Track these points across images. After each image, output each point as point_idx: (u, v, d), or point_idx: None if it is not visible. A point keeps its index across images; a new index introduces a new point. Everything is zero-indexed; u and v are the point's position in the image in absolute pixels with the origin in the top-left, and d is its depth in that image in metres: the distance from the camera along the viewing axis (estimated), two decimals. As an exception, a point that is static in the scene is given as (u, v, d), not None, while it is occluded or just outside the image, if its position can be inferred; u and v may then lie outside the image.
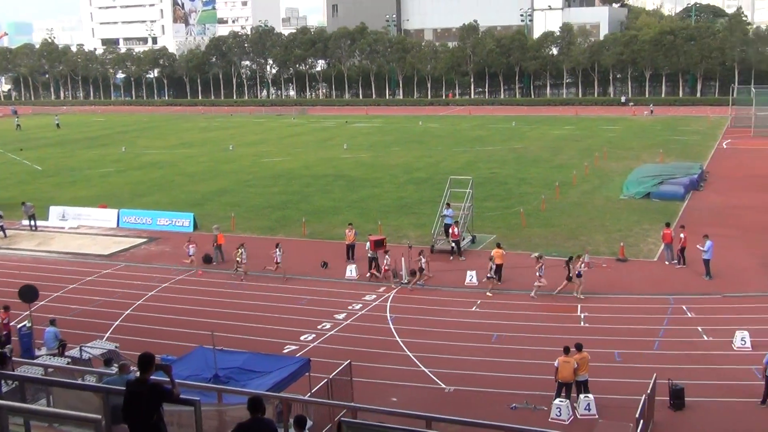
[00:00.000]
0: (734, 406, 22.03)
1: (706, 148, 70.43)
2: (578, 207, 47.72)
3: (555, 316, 29.54)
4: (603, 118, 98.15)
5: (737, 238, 39.51)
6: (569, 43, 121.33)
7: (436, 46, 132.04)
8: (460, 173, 51.62)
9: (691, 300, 30.70)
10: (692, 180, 52.01)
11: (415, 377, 24.48)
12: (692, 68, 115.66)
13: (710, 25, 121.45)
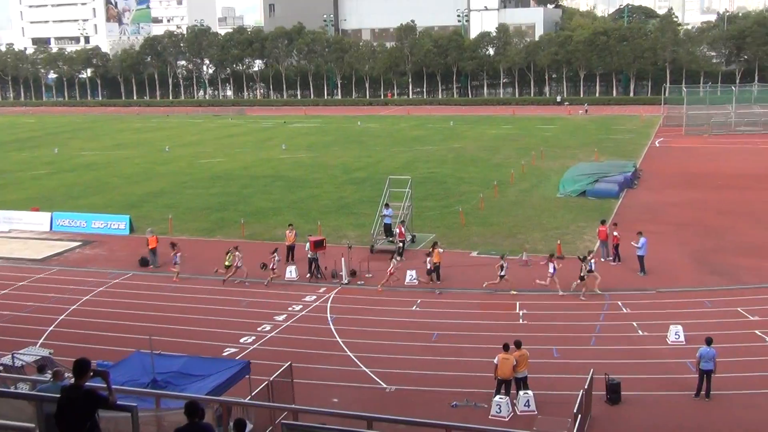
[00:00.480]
0: (669, 399, 22.51)
1: (639, 147, 71.86)
2: (516, 205, 48.26)
3: (494, 314, 29.83)
4: (539, 118, 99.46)
5: (670, 234, 40.41)
6: (505, 43, 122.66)
7: (374, 46, 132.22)
8: (399, 173, 51.81)
9: (626, 296, 31.29)
10: (626, 178, 53.01)
11: (356, 377, 24.46)
12: (625, 68, 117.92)
13: (642, 26, 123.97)
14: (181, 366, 19.72)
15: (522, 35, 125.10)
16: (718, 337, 25.05)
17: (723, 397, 22.41)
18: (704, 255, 36.58)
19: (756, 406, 21.91)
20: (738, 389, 22.88)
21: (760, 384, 23.15)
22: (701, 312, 29.28)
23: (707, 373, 22.28)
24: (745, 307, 29.60)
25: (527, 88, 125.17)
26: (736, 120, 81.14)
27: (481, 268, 34.17)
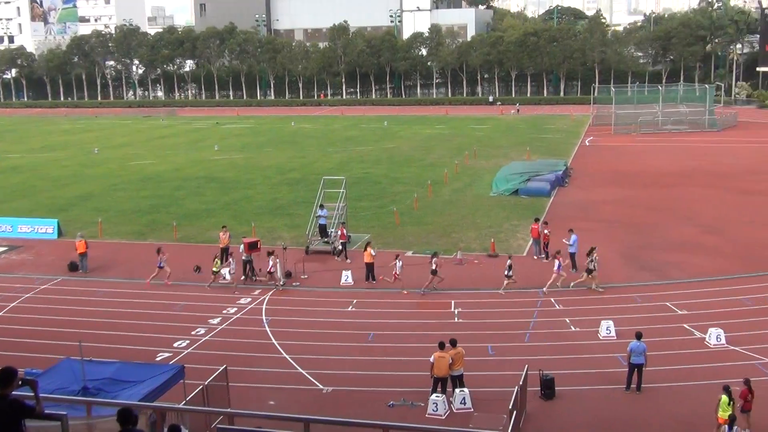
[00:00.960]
0: (601, 393, 22.94)
1: (569, 146, 73.08)
2: (450, 205, 48.61)
3: (430, 312, 29.99)
4: (472, 118, 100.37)
5: (600, 231, 41.16)
6: (438, 43, 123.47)
7: (306, 46, 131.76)
8: (333, 173, 51.71)
9: (558, 292, 31.76)
10: (557, 176, 53.85)
11: (292, 379, 24.34)
12: (555, 68, 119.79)
13: (571, 27, 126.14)
14: (112, 372, 19.35)
15: (454, 36, 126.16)
16: (648, 332, 25.63)
17: (653, 389, 22.92)
18: (633, 251, 37.37)
19: (685, 398, 22.46)
20: (668, 382, 23.42)
21: (689, 376, 23.75)
22: (631, 307, 29.91)
23: (638, 366, 22.77)
24: (673, 301, 30.34)
25: (460, 88, 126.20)
26: (663, 119, 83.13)
27: (416, 267, 34.32)
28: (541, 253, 36.72)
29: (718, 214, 45.06)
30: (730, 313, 28.83)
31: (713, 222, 43.04)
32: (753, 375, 22.33)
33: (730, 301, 30.38)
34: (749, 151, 67.62)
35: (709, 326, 26.83)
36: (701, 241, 38.82)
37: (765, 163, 61.21)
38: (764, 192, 50.37)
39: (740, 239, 38.41)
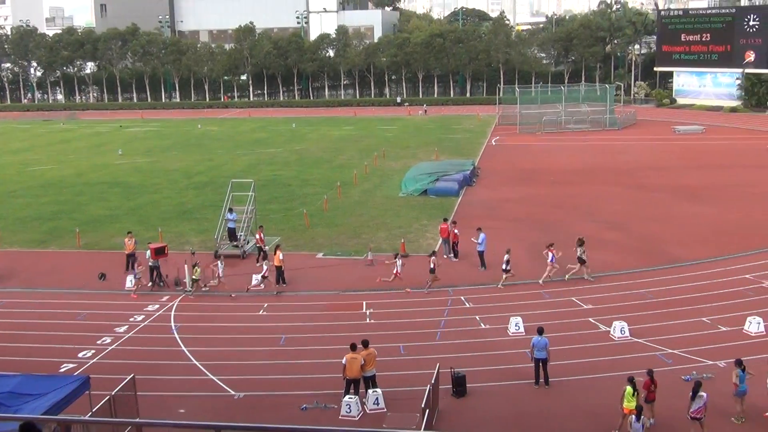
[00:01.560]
0: (512, 389, 23.35)
1: (477, 146, 74.13)
2: (360, 206, 48.71)
3: (341, 314, 29.98)
4: (380, 119, 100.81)
5: (508, 229, 41.89)
6: (345, 45, 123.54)
7: (212, 47, 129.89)
8: (241, 176, 51.20)
9: (468, 291, 32.22)
10: (465, 176, 54.54)
11: (203, 386, 23.98)
12: (461, 69, 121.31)
13: (476, 29, 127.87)
14: (14, 386, 18.69)
15: (361, 37, 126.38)
16: (556, 327, 26.26)
17: (562, 383, 23.46)
18: (540, 248, 38.00)
19: (593, 390, 23.06)
20: (576, 375, 24.02)
21: (595, 369, 24.40)
22: (540, 303, 30.55)
23: (541, 361, 23.26)
24: (579, 296, 31.13)
25: (368, 90, 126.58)
26: (566, 118, 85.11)
27: (327, 269, 34.25)
28: (450, 252, 37.14)
29: (619, 210, 46.41)
30: (632, 306, 29.75)
31: (615, 218, 44.30)
32: (656, 366, 23.12)
33: (632, 294, 31.33)
34: (648, 148, 69.90)
35: (614, 319, 27.63)
36: (604, 237, 39.92)
37: (663, 160, 63.40)
38: (663, 188, 52.14)
39: (641, 234, 39.63)
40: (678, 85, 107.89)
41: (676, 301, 30.34)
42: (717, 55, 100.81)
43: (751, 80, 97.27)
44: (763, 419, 21.04)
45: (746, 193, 49.86)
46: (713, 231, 40.46)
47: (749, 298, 30.31)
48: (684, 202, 48.13)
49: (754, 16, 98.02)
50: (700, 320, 28.17)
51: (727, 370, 22.82)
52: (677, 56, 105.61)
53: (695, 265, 34.95)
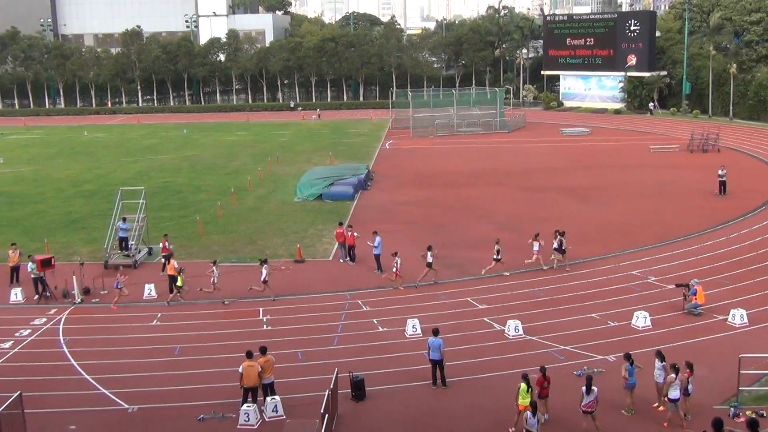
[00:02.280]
0: (410, 391, 23.55)
1: (371, 149, 74.53)
2: (255, 212, 48.28)
3: (238, 322, 29.61)
4: (274, 124, 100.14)
5: (403, 232, 42.26)
6: (236, 49, 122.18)
7: (98, 52, 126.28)
8: (132, 184, 50.02)
9: (365, 294, 32.35)
10: (360, 180, 54.75)
11: (95, 401, 23.28)
12: (354, 74, 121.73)
13: (368, 33, 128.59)
14: None
15: (252, 41, 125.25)
16: (452, 327, 26.64)
17: (459, 382, 23.80)
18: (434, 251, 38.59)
19: (489, 389, 23.49)
20: (472, 374, 24.41)
21: (491, 367, 24.86)
22: (436, 304, 30.93)
23: (438, 363, 23.55)
24: (473, 296, 31.68)
25: (260, 94, 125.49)
26: (458, 121, 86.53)
27: (222, 277, 33.77)
28: (347, 256, 37.21)
29: (511, 210, 47.46)
30: (525, 305, 30.47)
31: (507, 219, 45.29)
32: (549, 362, 23.76)
33: (525, 293, 32.09)
34: (537, 150, 71.73)
35: (508, 318, 28.23)
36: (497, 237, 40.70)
37: (552, 161, 65.17)
38: (552, 188, 53.60)
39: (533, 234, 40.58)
40: (564, 89, 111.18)
41: (567, 298, 31.22)
42: (601, 59, 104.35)
43: (633, 83, 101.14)
44: (652, 410, 21.87)
45: (631, 192, 51.77)
46: (600, 229, 41.83)
47: (636, 294, 31.47)
48: (572, 201, 49.61)
49: (635, 21, 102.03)
50: (590, 316, 29.07)
51: (616, 364, 23.62)
52: (563, 60, 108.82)
53: (584, 263, 36.07)
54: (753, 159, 64.09)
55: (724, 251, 37.28)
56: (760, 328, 27.52)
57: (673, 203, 47.02)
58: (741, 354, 22.68)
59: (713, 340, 26.75)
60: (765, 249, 37.33)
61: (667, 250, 37.72)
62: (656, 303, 30.20)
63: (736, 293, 31.02)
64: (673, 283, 31.46)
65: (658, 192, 51.48)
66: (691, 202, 48.10)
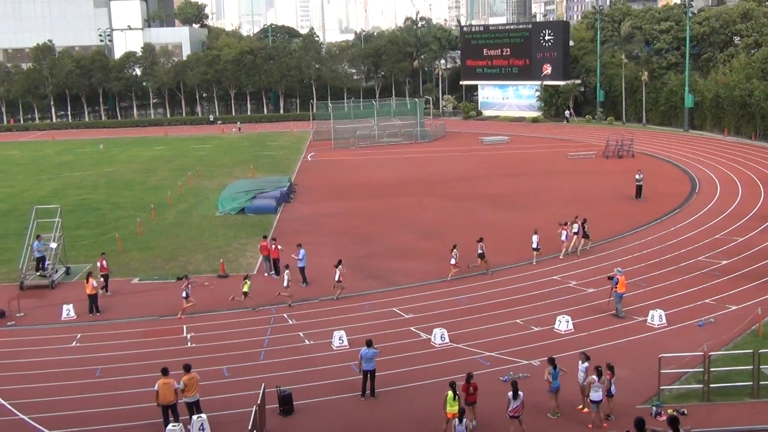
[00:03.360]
0: (339, 403, 23.44)
1: (293, 162, 74.23)
2: (176, 227, 47.55)
3: (160, 340, 29.04)
4: (193, 138, 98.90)
5: (327, 244, 42.18)
6: (152, 63, 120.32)
7: (8, 67, 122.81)
8: (47, 202, 48.78)
9: (291, 307, 32.11)
10: (282, 193, 54.46)
11: (12, 427, 22.50)
12: (274, 86, 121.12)
13: (287, 45, 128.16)
14: None
15: (169, 55, 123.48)
16: (380, 337, 26.63)
17: (388, 393, 23.81)
18: (360, 261, 38.66)
19: (418, 398, 23.55)
20: (400, 384, 24.44)
21: (419, 376, 24.93)
22: (362, 315, 30.92)
23: (370, 372, 23.56)
24: (399, 306, 31.77)
25: (179, 108, 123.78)
26: (379, 132, 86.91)
27: (144, 294, 33.13)
28: (272, 269, 36.92)
29: (434, 219, 47.84)
30: (450, 313, 30.71)
31: (430, 227, 45.63)
32: (476, 369, 23.96)
33: (449, 301, 32.35)
34: (458, 159, 72.50)
35: (434, 327, 28.39)
36: (420, 247, 41.03)
37: (472, 170, 65.97)
38: (473, 196, 54.25)
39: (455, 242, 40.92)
40: (483, 98, 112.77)
41: (491, 305, 31.59)
42: (517, 69, 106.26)
43: (549, 92, 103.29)
44: (577, 413, 22.25)
45: (550, 199, 52.74)
46: (522, 236, 42.35)
47: (558, 298, 32.04)
48: (493, 209, 50.28)
49: (549, 31, 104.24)
50: (514, 322, 29.46)
51: (541, 369, 23.95)
52: (481, 70, 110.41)
53: (507, 270, 36.56)
54: (666, 163, 66.04)
55: (641, 254, 38.29)
56: (678, 328, 28.32)
57: (592, 208, 48.06)
58: (661, 354, 23.28)
59: (634, 341, 27.40)
60: (681, 250, 38.49)
61: (587, 255, 38.54)
62: (578, 307, 30.81)
63: (654, 295, 31.88)
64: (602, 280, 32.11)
65: (576, 198, 52.59)
66: (608, 206, 49.27)
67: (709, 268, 35.33)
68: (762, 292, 31.62)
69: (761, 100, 74.74)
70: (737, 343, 26.58)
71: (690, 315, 29.49)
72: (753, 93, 75.94)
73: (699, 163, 65.17)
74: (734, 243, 39.60)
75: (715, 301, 30.98)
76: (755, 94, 75.61)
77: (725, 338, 26.91)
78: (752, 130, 77.72)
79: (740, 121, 79.75)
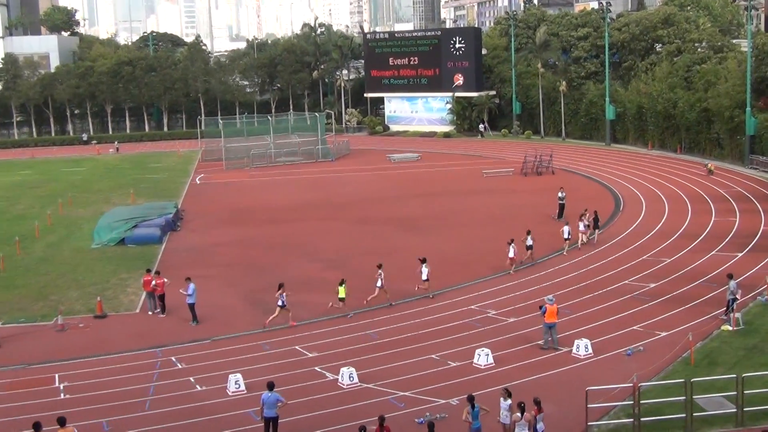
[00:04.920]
0: (235, 455, 23.12)
1: (179, 185, 73.33)
2: (45, 262, 46.31)
3: (29, 392, 28.04)
4: (64, 160, 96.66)
5: (220, 277, 41.73)
6: (15, 76, 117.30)
7: None
8: None
9: (179, 350, 31.57)
10: (168, 220, 53.69)
11: None
12: (156, 101, 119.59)
13: (170, 55, 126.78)
14: None
15: (35, 66, 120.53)
16: (281, 379, 26.40)
17: (290, 442, 23.59)
18: (257, 295, 38.33)
19: (323, 446, 23.41)
20: (306, 430, 24.23)
21: (327, 421, 24.76)
22: (260, 356, 30.61)
23: (272, 420, 23.27)
24: (302, 344, 31.59)
25: (47, 127, 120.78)
26: (276, 151, 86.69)
27: (7, 340, 32.03)
28: (157, 308, 36.22)
29: (339, 246, 47.89)
30: (359, 350, 30.70)
31: (335, 255, 45.64)
32: (388, 411, 23.97)
33: (357, 337, 32.34)
34: (364, 179, 72.89)
35: (341, 366, 28.30)
36: (324, 277, 40.93)
37: (380, 190, 66.42)
38: (382, 220, 54.58)
39: (362, 271, 41.04)
40: (390, 111, 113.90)
41: (404, 339, 31.71)
42: (426, 79, 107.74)
43: (462, 104, 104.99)
44: (499, 454, 22.46)
45: (466, 220, 53.49)
46: (436, 262, 42.67)
47: (476, 330, 32.40)
48: (404, 233, 50.65)
49: (460, 39, 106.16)
50: (429, 358, 29.62)
51: (460, 408, 24.10)
52: (387, 81, 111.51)
53: (420, 300, 36.78)
54: (588, 180, 67.83)
55: (564, 279, 39.12)
56: (606, 358, 28.98)
57: (510, 230, 48.83)
58: (588, 387, 23.76)
59: (559, 373, 27.89)
60: (606, 274, 39.50)
61: (507, 281, 39.17)
62: (498, 338, 31.22)
63: (579, 323, 32.58)
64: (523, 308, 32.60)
65: (494, 219, 53.48)
66: (528, 227, 50.18)
67: (637, 292, 36.34)
68: (692, 316, 32.68)
69: (685, 111, 77.59)
70: (668, 372, 27.37)
71: (618, 343, 30.23)
72: (677, 104, 78.80)
73: (622, 179, 67.18)
74: (662, 264, 40.86)
75: (644, 327, 31.86)
76: (679, 104, 78.48)
77: (655, 367, 27.67)
78: (677, 143, 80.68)
79: (664, 133, 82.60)
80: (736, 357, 28.50)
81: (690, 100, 77.60)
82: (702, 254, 42.38)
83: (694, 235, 46.61)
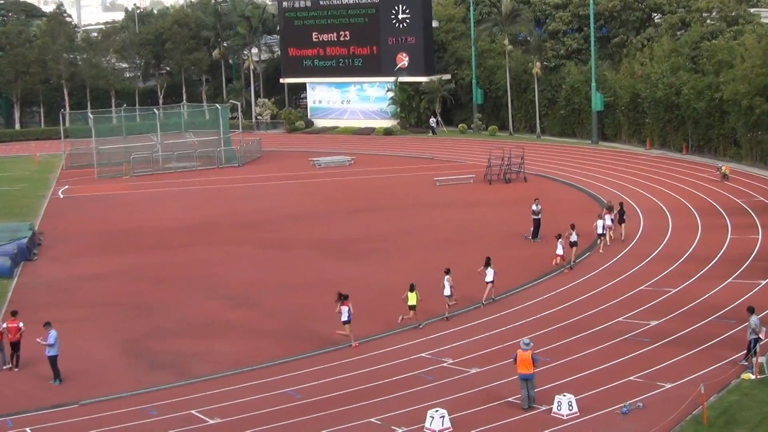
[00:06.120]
0: None
1: (36, 201, 72.40)
2: None
3: None
4: None
5: (91, 320, 41.18)
6: None
7: None
8: None
9: (37, 418, 30.97)
10: (21, 247, 52.90)
11: None
12: (5, 89, 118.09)
13: (23, 29, 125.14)
14: None
15: None
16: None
17: None
18: (141, 343, 37.86)
19: None
20: None
21: None
22: (145, 424, 30.11)
23: None
24: (200, 407, 31.12)
25: None
26: (165, 154, 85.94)
27: None
28: (7, 362, 35.52)
29: (248, 278, 47.57)
30: (276, 414, 30.33)
31: (243, 290, 45.32)
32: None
33: (273, 396, 31.98)
34: (281, 191, 72.71)
35: (247, 437, 28.06)
36: (229, 319, 40.64)
37: (302, 205, 66.22)
38: (304, 243, 54.44)
39: (279, 310, 40.91)
40: (314, 102, 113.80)
41: (335, 399, 31.45)
42: (361, 60, 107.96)
43: (407, 92, 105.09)
44: None
45: (412, 244, 53.49)
46: (378, 298, 42.66)
47: (429, 385, 32.27)
48: (334, 261, 50.54)
49: (403, 8, 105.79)
50: (368, 422, 29.39)
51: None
52: (309, 63, 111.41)
53: (356, 347, 36.60)
54: (569, 188, 68.35)
55: (539, 317, 39.19)
56: (594, 418, 28.98)
57: (472, 255, 48.96)
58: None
59: (536, 439, 27.92)
60: (594, 309, 39.63)
61: (466, 321, 39.15)
62: (457, 395, 31.11)
63: (560, 373, 32.58)
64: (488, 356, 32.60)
65: (449, 242, 53.52)
66: (495, 251, 50.18)
67: (633, 333, 36.50)
68: (705, 362, 32.85)
69: (692, 100, 78.11)
70: (675, 434, 27.53)
71: (610, 398, 30.28)
72: (681, 91, 79.40)
73: (614, 186, 67.81)
74: (666, 296, 41.18)
75: (643, 377, 32.01)
76: (684, 91, 79.04)
77: (659, 429, 27.81)
78: (682, 141, 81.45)
79: (666, 128, 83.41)
80: (761, 414, 28.67)
81: (698, 86, 78.21)
82: (716, 282, 42.84)
83: (706, 258, 47.12)
